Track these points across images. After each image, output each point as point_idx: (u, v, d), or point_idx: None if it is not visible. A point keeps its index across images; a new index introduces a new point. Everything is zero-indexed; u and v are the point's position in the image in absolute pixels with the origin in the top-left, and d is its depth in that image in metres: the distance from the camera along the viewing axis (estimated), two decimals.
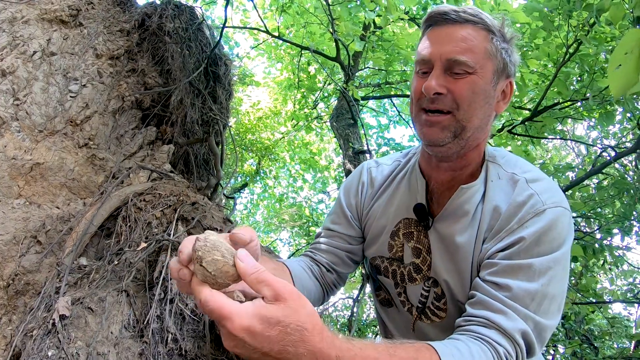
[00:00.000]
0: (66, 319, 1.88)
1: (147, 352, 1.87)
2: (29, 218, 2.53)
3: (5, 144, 2.70)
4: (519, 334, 1.44)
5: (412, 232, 1.86)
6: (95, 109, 3.18)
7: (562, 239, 1.56)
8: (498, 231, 1.63)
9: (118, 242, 2.39)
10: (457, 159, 1.72)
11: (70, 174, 2.88)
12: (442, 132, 1.62)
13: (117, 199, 2.60)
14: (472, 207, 1.70)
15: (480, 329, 1.46)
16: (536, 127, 6.46)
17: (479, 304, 1.53)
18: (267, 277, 1.07)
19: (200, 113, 3.91)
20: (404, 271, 1.89)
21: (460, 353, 1.34)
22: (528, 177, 1.68)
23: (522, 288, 1.49)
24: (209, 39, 4.33)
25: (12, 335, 2.16)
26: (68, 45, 3.25)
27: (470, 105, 1.60)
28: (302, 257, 2.09)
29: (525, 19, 6.22)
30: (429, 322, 1.86)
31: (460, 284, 1.72)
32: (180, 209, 2.46)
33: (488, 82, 1.62)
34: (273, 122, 13.11)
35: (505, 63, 1.66)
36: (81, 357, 1.77)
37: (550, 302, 1.52)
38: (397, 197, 1.94)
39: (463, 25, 1.62)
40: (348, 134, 7.88)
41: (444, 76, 1.60)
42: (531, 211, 1.58)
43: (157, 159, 3.32)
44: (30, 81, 2.95)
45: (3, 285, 2.31)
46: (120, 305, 2.04)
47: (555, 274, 1.53)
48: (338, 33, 6.23)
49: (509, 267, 1.53)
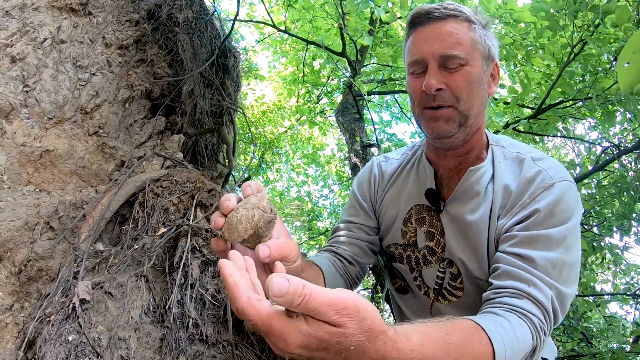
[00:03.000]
0: (86, 303, 1.89)
1: (168, 337, 1.88)
2: (41, 204, 2.52)
3: (14, 130, 2.68)
4: (549, 301, 1.50)
5: (424, 217, 1.93)
6: (105, 98, 3.18)
7: (572, 210, 1.65)
8: (511, 207, 1.71)
9: (135, 228, 2.40)
10: (462, 145, 1.81)
11: (81, 162, 2.88)
12: (447, 124, 1.72)
13: (133, 185, 2.60)
14: (482, 187, 1.78)
15: (512, 300, 1.50)
16: (540, 125, 6.48)
17: (505, 275, 1.57)
18: (317, 304, 0.94)
19: (209, 104, 3.93)
20: (418, 255, 1.95)
21: (503, 328, 1.36)
22: (533, 155, 1.78)
23: (543, 257, 1.55)
24: (218, 30, 4.34)
25: (24, 322, 2.15)
26: (78, 33, 3.23)
27: (468, 95, 1.70)
28: (324, 253, 2.12)
29: (530, 18, 6.25)
30: (446, 302, 1.92)
31: (475, 260, 1.78)
32: (197, 196, 2.48)
33: (479, 70, 1.72)
34: (277, 117, 13.12)
35: (489, 47, 1.77)
36: (103, 341, 1.77)
37: (568, 270, 1.58)
38: (407, 186, 2.02)
39: (446, 20, 1.72)
40: (354, 128, 7.90)
41: (440, 72, 1.69)
42: (541, 186, 1.67)
43: (168, 148, 3.33)
44: (40, 68, 2.93)
45: (15, 271, 2.30)
46: (140, 291, 2.05)
47: (570, 242, 1.60)
48: (347, 28, 6.24)
49: (528, 238, 1.60)
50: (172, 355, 1.83)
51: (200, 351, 1.87)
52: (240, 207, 1.23)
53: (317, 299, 0.93)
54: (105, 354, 1.74)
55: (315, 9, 8.12)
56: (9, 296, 2.22)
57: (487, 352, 1.28)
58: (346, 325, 0.95)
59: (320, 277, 1.84)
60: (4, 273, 2.28)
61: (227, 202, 1.26)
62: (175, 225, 2.27)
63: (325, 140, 14.52)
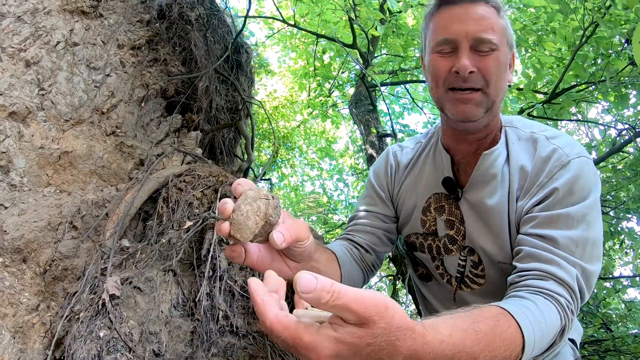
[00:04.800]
0: (116, 299, 1.90)
1: (199, 330, 1.89)
2: (62, 205, 2.55)
3: (32, 133, 2.71)
4: (574, 280, 1.49)
5: (443, 206, 1.92)
6: (120, 98, 3.21)
7: (591, 186, 1.64)
8: (529, 188, 1.70)
9: (160, 223, 2.41)
10: (483, 129, 1.79)
11: (100, 162, 2.90)
12: (477, 108, 1.68)
13: (156, 181, 2.62)
14: (497, 170, 1.77)
15: (538, 282, 1.50)
16: (554, 110, 6.46)
17: (528, 257, 1.57)
18: (347, 301, 0.91)
19: (225, 100, 3.95)
20: (439, 244, 1.95)
21: (530, 311, 1.36)
22: (547, 134, 1.76)
23: (566, 236, 1.55)
24: (230, 27, 4.36)
25: (51, 322, 2.17)
26: (90, 35, 3.26)
27: (497, 81, 1.68)
28: (340, 241, 2.10)
29: (540, 2, 6.23)
30: (468, 290, 1.91)
31: (497, 245, 1.77)
32: (221, 189, 2.49)
33: (505, 57, 1.71)
34: (289, 111, 13.17)
35: (511, 36, 1.75)
36: (134, 336, 1.79)
37: (592, 247, 1.58)
38: (424, 175, 2.00)
39: (477, 3, 1.68)
40: (368, 119, 7.90)
41: (472, 54, 1.65)
42: (557, 164, 1.65)
43: (186, 144, 3.35)
44: (54, 71, 2.96)
45: (40, 271, 2.33)
46: (168, 285, 2.07)
47: (591, 219, 1.60)
48: (358, 19, 6.25)
49: (549, 218, 1.59)
50: (203, 348, 1.85)
51: (231, 343, 1.88)
52: (241, 205, 1.21)
53: (346, 296, 0.91)
54: (137, 348, 1.76)
55: (323, 1, 8.12)
56: (34, 296, 2.25)
57: (516, 336, 1.27)
58: (376, 324, 0.93)
59: (334, 261, 1.83)
60: (29, 274, 2.30)
61: (225, 205, 1.24)
62: (202, 218, 2.29)
63: (338, 133, 14.55)
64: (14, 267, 2.27)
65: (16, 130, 2.63)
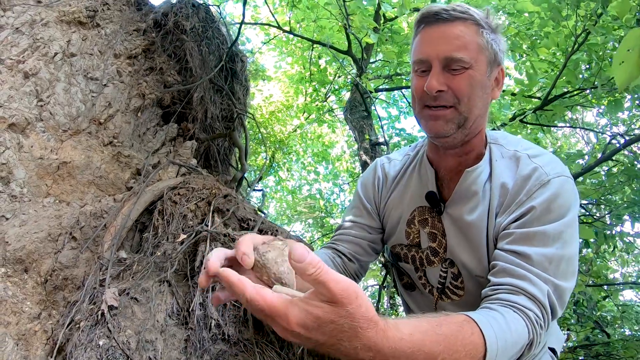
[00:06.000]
0: (114, 309, 1.97)
1: (192, 338, 1.96)
2: (62, 215, 2.58)
3: (31, 144, 2.73)
4: (545, 296, 1.54)
5: (426, 219, 1.97)
6: (117, 108, 3.25)
7: (569, 205, 1.68)
8: (508, 205, 1.74)
9: (156, 235, 2.48)
10: (462, 145, 1.84)
11: (97, 172, 2.93)
12: (446, 124, 1.75)
13: (151, 193, 2.68)
14: (479, 187, 1.82)
15: (509, 296, 1.54)
16: (547, 116, 6.51)
17: (502, 272, 1.62)
18: (326, 279, 1.04)
19: (220, 109, 4.00)
20: (422, 256, 2.00)
21: (496, 321, 1.40)
22: (530, 153, 1.81)
23: (540, 253, 1.59)
24: (225, 36, 4.41)
25: (52, 330, 2.22)
26: (87, 46, 3.29)
27: (470, 98, 1.73)
28: (324, 250, 2.18)
29: (534, 8, 6.27)
30: (449, 301, 1.97)
31: (475, 259, 1.82)
32: (214, 202, 2.56)
33: (483, 74, 1.75)
34: (285, 116, 13.19)
35: (495, 53, 1.78)
36: (132, 344, 1.86)
37: (567, 264, 1.62)
38: (410, 188, 2.06)
39: (454, 22, 1.74)
40: (362, 125, 7.96)
41: (443, 73, 1.72)
42: (537, 183, 1.70)
43: (182, 154, 3.40)
44: (52, 82, 2.98)
45: (41, 281, 2.36)
46: (164, 295, 2.13)
47: (567, 237, 1.64)
48: (352, 28, 6.30)
49: (525, 235, 1.64)
50: (196, 355, 1.92)
51: (223, 350, 1.95)
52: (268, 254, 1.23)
53: (327, 274, 1.04)
54: (134, 356, 1.82)
55: (319, 8, 8.18)
56: (36, 305, 2.30)
57: (478, 343, 1.31)
58: (344, 306, 1.04)
59: None
60: (31, 283, 2.34)
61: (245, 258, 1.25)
62: (195, 231, 2.36)
63: (334, 137, 14.58)
64: (16, 277, 2.31)
65: (16, 142, 2.65)
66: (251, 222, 2.56)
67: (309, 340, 1.09)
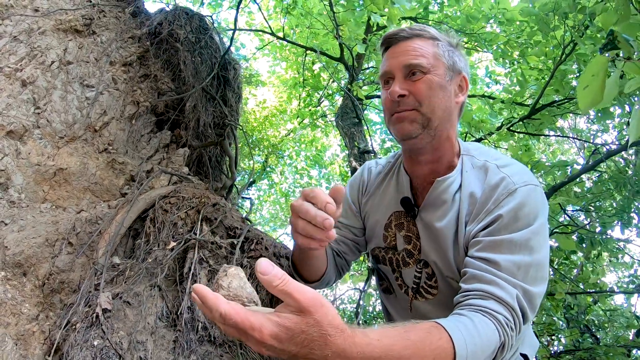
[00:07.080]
0: (108, 312, 2.08)
1: (180, 339, 2.07)
2: (59, 221, 2.65)
3: (28, 151, 2.78)
4: (514, 300, 1.59)
5: (402, 223, 2.08)
6: (112, 115, 3.29)
7: (536, 212, 1.74)
8: (477, 213, 1.81)
9: (147, 242, 2.58)
10: (431, 151, 1.95)
11: (93, 178, 2.99)
12: (411, 124, 1.87)
13: (144, 202, 2.78)
14: (449, 196, 1.91)
15: (478, 301, 1.59)
16: (534, 125, 6.58)
17: (472, 279, 1.68)
18: (291, 289, 1.11)
19: (212, 117, 4.07)
20: (398, 257, 2.10)
21: (464, 326, 1.46)
22: (499, 163, 1.89)
23: (508, 260, 1.65)
24: (218, 44, 4.46)
25: (50, 330, 2.31)
26: (83, 53, 3.33)
27: (430, 99, 1.86)
28: None
29: (522, 18, 6.37)
30: (423, 299, 2.05)
31: (445, 261, 1.91)
32: (203, 210, 2.67)
33: (442, 78, 1.89)
34: (279, 120, 13.24)
35: (454, 61, 1.94)
36: (124, 345, 1.97)
37: (535, 270, 1.68)
38: (388, 194, 2.17)
39: (412, 39, 1.93)
40: (353, 132, 8.01)
41: (405, 81, 1.88)
42: (504, 192, 1.76)
43: (174, 162, 3.47)
44: (49, 90, 3.02)
45: (39, 284, 2.44)
46: (154, 299, 2.24)
47: (535, 244, 1.69)
48: (342, 38, 6.39)
49: (493, 243, 1.70)
50: (184, 355, 2.03)
51: (209, 351, 2.06)
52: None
53: (292, 285, 1.11)
54: (126, 355, 1.94)
55: (313, 14, 8.26)
56: (34, 307, 2.39)
57: (447, 347, 1.36)
58: (311, 315, 1.11)
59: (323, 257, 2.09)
60: (29, 286, 2.43)
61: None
62: (184, 239, 2.47)
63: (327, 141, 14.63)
64: (15, 280, 2.39)
65: (14, 149, 2.70)
66: (238, 230, 2.65)
67: (282, 352, 1.13)
